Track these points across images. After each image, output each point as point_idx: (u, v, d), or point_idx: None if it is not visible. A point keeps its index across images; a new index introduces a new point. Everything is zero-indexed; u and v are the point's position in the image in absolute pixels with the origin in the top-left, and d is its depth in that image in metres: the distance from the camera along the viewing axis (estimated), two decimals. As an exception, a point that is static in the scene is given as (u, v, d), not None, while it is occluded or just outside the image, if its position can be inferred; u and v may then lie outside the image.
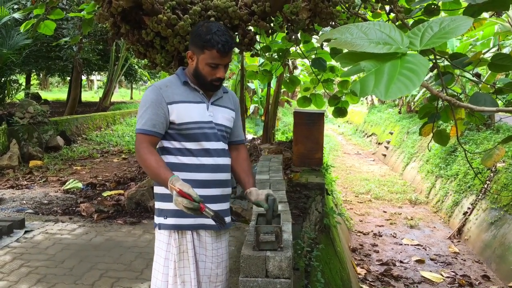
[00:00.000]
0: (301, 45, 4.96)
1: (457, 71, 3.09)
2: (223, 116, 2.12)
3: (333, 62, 5.43)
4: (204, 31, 1.96)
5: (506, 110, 1.27)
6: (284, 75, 8.21)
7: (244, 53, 6.49)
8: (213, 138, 2.05)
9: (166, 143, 2.06)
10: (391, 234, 8.01)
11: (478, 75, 3.18)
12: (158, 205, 2.07)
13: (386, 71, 0.98)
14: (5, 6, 9.15)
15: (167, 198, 1.98)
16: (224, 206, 2.12)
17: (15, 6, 10.21)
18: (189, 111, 2.01)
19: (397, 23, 3.07)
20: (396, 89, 0.94)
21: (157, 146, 2.06)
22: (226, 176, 2.12)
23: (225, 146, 2.13)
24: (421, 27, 1.13)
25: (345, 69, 1.23)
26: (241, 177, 2.20)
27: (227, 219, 2.12)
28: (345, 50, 1.18)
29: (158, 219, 2.06)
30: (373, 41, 1.06)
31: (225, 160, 2.11)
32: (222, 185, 2.10)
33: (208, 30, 1.96)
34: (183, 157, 2.03)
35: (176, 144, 2.04)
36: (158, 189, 2.06)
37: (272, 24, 4.24)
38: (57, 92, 27.60)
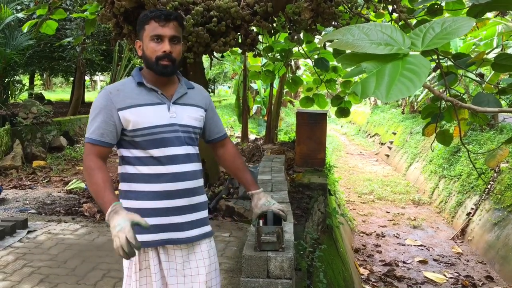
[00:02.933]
0: (303, 45, 4.96)
1: (460, 71, 3.08)
2: (189, 115, 1.89)
3: (336, 62, 5.42)
4: (142, 14, 1.87)
5: (508, 111, 1.26)
6: (287, 75, 8.21)
7: (246, 53, 6.50)
8: (176, 143, 1.84)
9: (124, 152, 1.87)
10: (394, 234, 7.99)
11: (481, 75, 3.17)
12: None
13: (387, 72, 0.97)
14: (8, 7, 9.18)
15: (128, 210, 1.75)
16: (193, 217, 1.88)
17: (18, 7, 10.24)
18: (145, 115, 1.80)
19: (400, 23, 3.07)
20: (397, 90, 0.93)
21: (116, 156, 1.96)
22: (193, 184, 1.88)
23: (192, 150, 1.90)
24: (423, 28, 1.12)
25: (348, 69, 1.22)
26: (238, 176, 2.09)
27: (201, 230, 1.90)
28: (348, 51, 1.18)
29: None
30: (375, 42, 1.05)
31: (190, 166, 1.87)
32: (189, 195, 1.86)
33: (145, 11, 1.88)
34: (141, 166, 1.83)
35: (134, 152, 1.84)
36: (122, 201, 1.84)
37: (274, 24, 4.24)
38: (60, 93, 27.68)
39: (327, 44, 3.85)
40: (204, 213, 1.95)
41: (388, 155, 15.31)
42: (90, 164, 1.77)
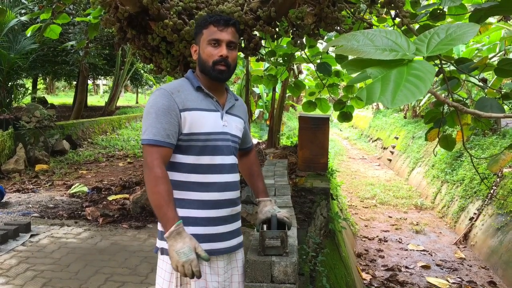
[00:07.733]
0: (306, 50, 4.97)
1: (463, 76, 3.08)
2: (236, 126, 1.92)
3: (338, 67, 5.43)
4: (201, 18, 1.92)
5: (513, 117, 1.27)
6: (289, 79, 8.23)
7: (249, 57, 6.51)
8: (226, 152, 1.84)
9: (174, 157, 1.80)
10: (396, 239, 7.97)
11: (484, 80, 3.17)
12: (161, 227, 1.80)
13: (393, 78, 0.98)
14: (12, 11, 9.23)
15: None
16: (234, 226, 1.89)
17: (22, 11, 10.30)
18: (203, 120, 1.78)
19: (402, 28, 3.07)
20: (402, 96, 0.94)
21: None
22: (235, 194, 1.90)
23: (236, 161, 1.92)
24: (428, 34, 1.13)
25: (354, 75, 1.23)
26: (251, 182, 2.15)
27: (238, 239, 1.93)
28: (352, 57, 1.18)
29: (160, 243, 1.81)
30: (379, 48, 1.06)
31: (235, 177, 1.89)
32: (232, 204, 1.87)
33: (205, 16, 1.94)
34: (190, 174, 1.79)
35: (182, 159, 1.79)
36: None
37: (277, 29, 4.25)
38: (63, 97, 27.77)
39: (331, 49, 3.86)
40: (240, 223, 1.97)
41: (390, 160, 15.29)
42: (158, 171, 1.68)
